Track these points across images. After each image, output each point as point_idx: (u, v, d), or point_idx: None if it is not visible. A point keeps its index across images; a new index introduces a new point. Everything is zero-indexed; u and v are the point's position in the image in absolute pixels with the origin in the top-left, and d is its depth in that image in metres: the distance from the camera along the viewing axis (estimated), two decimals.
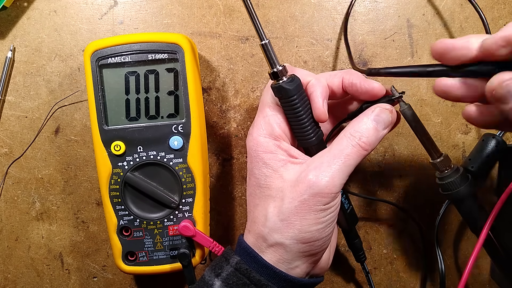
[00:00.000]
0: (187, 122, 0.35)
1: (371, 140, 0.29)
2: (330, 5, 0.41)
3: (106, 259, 0.43)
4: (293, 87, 0.29)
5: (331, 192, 0.28)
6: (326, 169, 0.28)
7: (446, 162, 0.33)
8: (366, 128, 0.30)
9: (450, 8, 0.41)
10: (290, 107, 0.30)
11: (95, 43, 0.35)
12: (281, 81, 0.29)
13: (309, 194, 0.28)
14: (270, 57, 0.29)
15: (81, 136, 0.42)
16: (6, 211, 0.42)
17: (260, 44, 0.29)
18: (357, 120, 0.30)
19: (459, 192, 0.33)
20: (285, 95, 0.29)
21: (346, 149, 0.29)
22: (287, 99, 0.29)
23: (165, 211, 0.36)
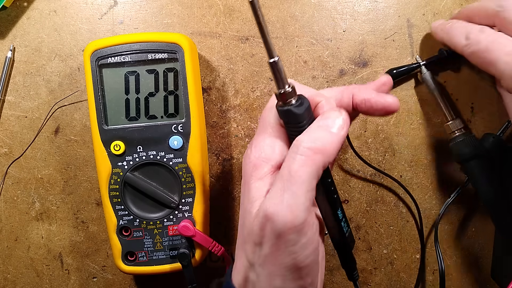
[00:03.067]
0: (187, 122, 0.35)
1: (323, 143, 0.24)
2: (330, 5, 0.41)
3: (106, 259, 0.43)
4: (303, 111, 0.26)
5: (293, 226, 0.23)
6: (279, 199, 0.23)
7: (458, 125, 0.38)
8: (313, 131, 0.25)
9: (450, 8, 0.41)
10: (298, 132, 0.26)
11: (95, 43, 0.35)
12: (290, 104, 0.26)
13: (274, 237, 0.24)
14: (279, 76, 0.26)
15: (81, 136, 0.42)
16: (6, 211, 0.42)
17: (268, 62, 0.25)
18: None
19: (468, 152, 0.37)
20: (293, 120, 0.26)
21: (293, 163, 0.24)
22: (296, 124, 0.26)
23: (165, 211, 0.36)
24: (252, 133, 0.42)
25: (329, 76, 0.41)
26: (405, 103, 0.41)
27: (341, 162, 0.42)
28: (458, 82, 0.41)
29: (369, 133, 0.42)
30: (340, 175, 0.42)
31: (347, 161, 0.42)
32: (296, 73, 0.41)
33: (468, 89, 0.41)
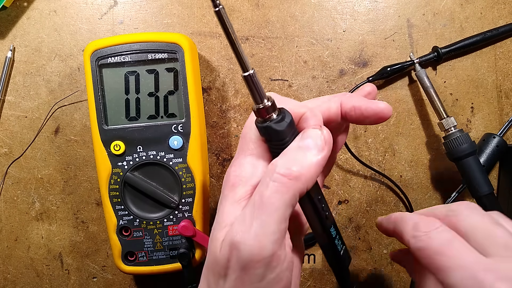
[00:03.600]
0: (187, 122, 0.35)
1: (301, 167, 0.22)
2: (330, 5, 0.41)
3: (106, 259, 0.43)
4: (285, 127, 0.23)
5: (261, 257, 0.21)
6: (247, 227, 0.21)
7: (451, 123, 0.38)
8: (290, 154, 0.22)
9: (450, 8, 0.41)
10: (280, 149, 0.23)
11: (95, 43, 0.35)
12: (270, 120, 0.23)
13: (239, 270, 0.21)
14: (256, 90, 0.23)
15: (81, 136, 0.42)
16: (6, 211, 0.42)
17: (243, 76, 0.22)
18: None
19: (462, 149, 0.37)
20: (275, 137, 0.23)
21: (266, 189, 0.21)
22: (277, 142, 0.23)
23: (165, 211, 0.36)
24: None
25: (329, 76, 0.41)
26: (404, 103, 0.41)
27: (341, 162, 0.42)
28: (458, 82, 0.41)
29: (369, 133, 0.42)
30: (340, 175, 0.42)
31: (347, 161, 0.42)
32: (296, 73, 0.41)
33: (468, 89, 0.41)
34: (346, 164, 0.42)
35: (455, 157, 0.38)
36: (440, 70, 0.41)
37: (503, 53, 0.41)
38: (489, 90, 0.41)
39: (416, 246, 0.24)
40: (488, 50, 0.41)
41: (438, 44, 0.41)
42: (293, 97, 0.41)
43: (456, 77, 0.41)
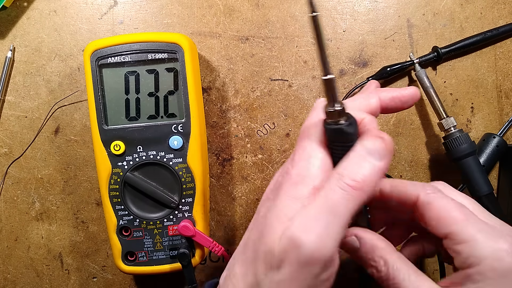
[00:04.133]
0: (187, 122, 0.35)
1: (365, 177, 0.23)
2: (330, 5, 0.41)
3: (106, 259, 0.43)
4: (354, 130, 0.25)
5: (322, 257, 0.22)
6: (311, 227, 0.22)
7: (451, 123, 0.38)
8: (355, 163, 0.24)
9: (450, 8, 0.41)
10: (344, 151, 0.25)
11: (95, 43, 0.35)
12: (340, 123, 0.25)
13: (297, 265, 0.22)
14: (333, 94, 0.25)
15: (81, 136, 0.42)
16: (6, 211, 0.42)
17: (323, 79, 0.24)
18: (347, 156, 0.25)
19: (461, 149, 0.37)
20: (343, 139, 0.25)
21: (333, 194, 0.23)
22: (343, 143, 0.25)
23: (165, 211, 0.36)
24: (252, 133, 0.42)
25: None
26: None
27: None
28: (458, 82, 0.41)
29: None
30: None
31: None
32: (296, 73, 0.41)
33: (468, 89, 0.41)
34: None
35: (455, 157, 0.38)
36: (440, 70, 0.41)
37: (503, 53, 0.41)
38: (489, 90, 0.41)
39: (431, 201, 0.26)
40: (488, 50, 0.41)
41: (438, 44, 0.41)
42: (293, 97, 0.41)
43: (456, 77, 0.41)
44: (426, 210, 0.26)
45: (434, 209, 0.26)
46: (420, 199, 0.27)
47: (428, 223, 0.27)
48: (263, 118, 0.42)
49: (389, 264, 0.26)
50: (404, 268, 0.26)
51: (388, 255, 0.26)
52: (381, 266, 0.26)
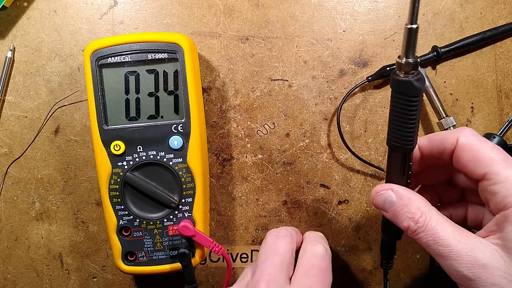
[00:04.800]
0: (187, 122, 0.35)
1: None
2: (330, 5, 0.41)
3: (106, 259, 0.43)
4: (421, 86, 0.25)
5: None
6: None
7: (450, 122, 0.38)
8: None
9: (450, 8, 0.41)
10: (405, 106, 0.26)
11: (95, 43, 0.35)
12: (411, 76, 0.25)
13: None
14: (412, 45, 0.25)
15: (81, 136, 0.42)
16: (6, 211, 0.42)
17: (407, 27, 0.25)
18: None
19: None
20: (409, 92, 0.25)
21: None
22: (408, 98, 0.25)
23: (165, 211, 0.36)
24: (252, 133, 0.42)
25: (329, 76, 0.41)
26: None
27: (341, 162, 0.42)
28: (458, 82, 0.41)
29: (369, 133, 0.42)
30: (340, 175, 0.42)
31: (347, 161, 0.42)
32: (296, 73, 0.41)
33: (468, 89, 0.41)
34: (346, 164, 0.42)
35: None
36: (440, 70, 0.41)
37: (503, 53, 0.41)
38: (489, 90, 0.41)
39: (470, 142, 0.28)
40: (488, 50, 0.41)
41: (438, 44, 0.41)
42: (293, 97, 0.41)
43: (456, 77, 0.41)
44: (465, 152, 0.27)
45: (473, 150, 0.27)
46: (460, 141, 0.28)
47: (466, 165, 0.28)
48: (263, 118, 0.42)
49: (426, 215, 0.26)
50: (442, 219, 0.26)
51: (425, 207, 0.27)
52: (418, 217, 0.26)
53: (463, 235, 0.25)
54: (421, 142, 0.31)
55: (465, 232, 0.26)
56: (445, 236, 0.25)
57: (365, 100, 0.41)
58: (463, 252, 0.24)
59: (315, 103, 0.41)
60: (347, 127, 0.41)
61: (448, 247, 0.25)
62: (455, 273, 0.25)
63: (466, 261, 0.24)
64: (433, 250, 0.26)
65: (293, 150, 0.42)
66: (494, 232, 0.26)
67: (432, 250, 0.26)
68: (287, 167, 0.42)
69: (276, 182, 0.42)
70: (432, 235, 0.26)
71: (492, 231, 0.26)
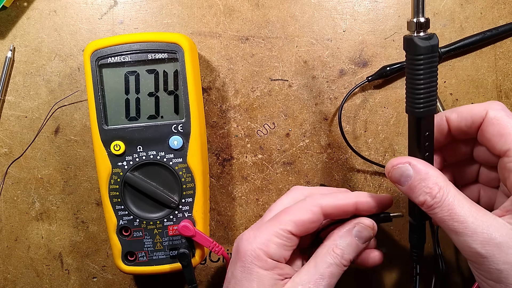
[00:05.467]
0: (187, 122, 0.35)
1: (352, 256, 0.30)
2: (330, 5, 0.41)
3: (106, 259, 0.43)
4: (426, 45, 0.26)
5: None
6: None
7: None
8: (347, 244, 0.30)
9: (450, 8, 0.41)
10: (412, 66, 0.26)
11: (95, 43, 0.35)
12: (416, 34, 0.26)
13: None
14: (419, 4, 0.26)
15: (81, 136, 0.42)
16: (6, 211, 0.42)
17: None
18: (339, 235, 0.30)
19: None
20: (412, 51, 0.26)
21: (330, 267, 0.29)
22: (413, 57, 0.26)
23: (165, 211, 0.36)
24: (252, 133, 0.42)
25: (329, 76, 0.41)
26: (404, 103, 0.41)
27: (341, 162, 0.42)
28: (458, 82, 0.41)
29: (369, 133, 0.42)
30: (340, 175, 0.42)
31: (347, 160, 0.42)
32: (296, 73, 0.41)
33: (468, 89, 0.41)
34: (346, 164, 0.42)
35: None
36: (440, 70, 0.41)
37: (503, 53, 0.41)
38: (489, 90, 0.41)
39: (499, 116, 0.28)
40: (488, 50, 0.41)
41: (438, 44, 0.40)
42: (293, 97, 0.41)
43: (456, 77, 0.41)
44: (492, 126, 0.28)
45: (500, 124, 0.27)
46: (489, 114, 0.28)
47: (490, 139, 0.28)
48: (263, 118, 0.42)
49: (444, 190, 0.26)
50: (459, 196, 0.26)
51: (442, 182, 0.27)
52: (436, 192, 0.26)
53: (479, 212, 0.25)
54: (449, 115, 0.31)
55: (481, 210, 0.25)
56: (462, 212, 0.25)
57: (365, 100, 0.41)
58: (478, 229, 0.24)
59: (315, 103, 0.41)
60: (347, 127, 0.41)
61: (464, 223, 0.25)
62: (468, 250, 0.25)
63: (481, 238, 0.24)
64: (448, 226, 0.25)
65: (293, 150, 0.42)
66: (510, 212, 0.26)
67: (446, 226, 0.26)
68: (287, 167, 0.42)
69: (276, 182, 0.42)
70: (448, 211, 0.25)
71: (509, 210, 0.26)
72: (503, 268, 0.24)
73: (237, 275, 0.30)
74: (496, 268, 0.24)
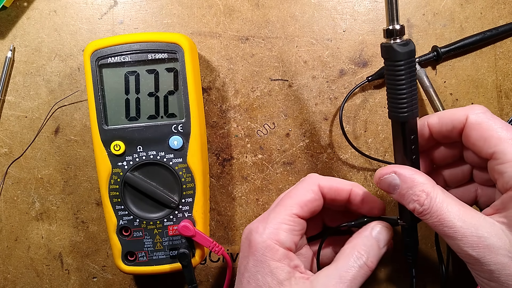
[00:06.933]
0: (187, 122, 0.35)
1: (375, 259, 0.29)
2: (330, 5, 0.41)
3: (106, 259, 0.43)
4: (404, 51, 0.26)
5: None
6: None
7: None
8: (370, 246, 0.29)
9: (450, 8, 0.41)
10: (392, 72, 0.27)
11: (95, 43, 0.35)
12: (393, 41, 0.27)
13: None
14: (393, 11, 0.27)
15: (81, 136, 0.42)
16: (6, 211, 0.42)
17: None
18: (361, 237, 0.30)
19: None
20: (392, 57, 0.27)
21: (353, 269, 0.28)
22: (394, 63, 0.27)
23: (165, 211, 0.36)
24: (252, 133, 0.42)
25: (329, 76, 0.41)
26: None
27: (341, 161, 0.42)
28: (458, 82, 0.41)
29: (369, 133, 0.42)
30: (340, 175, 0.42)
31: (347, 160, 0.42)
32: (296, 73, 0.41)
33: (468, 89, 0.41)
34: (346, 164, 0.42)
35: None
36: (440, 70, 0.41)
37: (503, 53, 0.41)
38: (489, 90, 0.41)
39: (480, 120, 0.28)
40: (488, 50, 0.41)
41: (438, 44, 0.41)
42: (293, 97, 0.41)
43: (456, 77, 0.41)
44: (474, 130, 0.27)
45: (482, 128, 0.27)
46: (469, 119, 0.28)
47: (475, 144, 0.27)
48: (263, 118, 0.42)
49: (431, 196, 0.26)
50: (447, 199, 0.26)
51: (430, 188, 0.27)
52: (423, 199, 0.26)
53: (468, 214, 0.25)
54: (431, 120, 0.31)
55: (470, 211, 0.26)
56: (450, 217, 0.25)
57: (365, 100, 0.41)
58: (467, 233, 0.25)
59: (315, 103, 0.41)
60: (347, 127, 0.41)
61: (453, 228, 0.25)
62: (461, 252, 0.25)
63: (471, 241, 0.24)
64: (439, 231, 0.26)
65: (293, 150, 0.42)
66: (500, 211, 0.26)
67: (438, 231, 0.26)
68: (287, 167, 0.42)
69: (276, 182, 0.42)
70: (437, 217, 0.26)
71: (498, 209, 0.26)
72: (495, 268, 0.24)
73: (250, 269, 0.29)
74: (488, 269, 0.24)
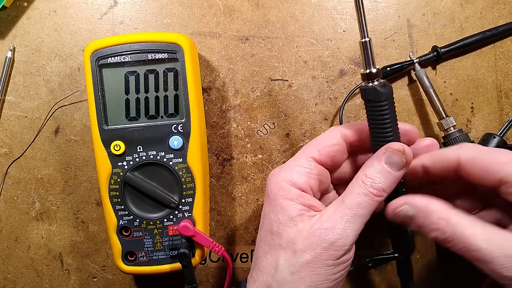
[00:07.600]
0: (187, 122, 0.35)
1: (385, 185, 0.27)
2: (330, 5, 0.41)
3: (106, 259, 0.43)
4: (386, 91, 0.28)
5: (343, 245, 0.27)
6: (338, 221, 0.27)
7: (450, 122, 0.38)
8: (378, 172, 0.28)
9: (450, 8, 0.41)
10: (377, 111, 0.29)
11: (95, 43, 0.35)
12: (375, 83, 0.29)
13: (321, 248, 0.26)
14: (369, 57, 0.29)
15: (81, 136, 0.42)
16: (6, 211, 0.42)
17: (360, 42, 0.28)
18: (368, 164, 0.28)
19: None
20: (376, 98, 0.28)
21: (357, 197, 0.27)
22: (377, 103, 0.28)
23: (165, 211, 0.36)
24: (252, 133, 0.42)
25: (329, 76, 0.41)
26: (404, 103, 0.41)
27: None
28: (458, 82, 0.41)
29: None
30: None
31: None
32: (296, 73, 0.41)
33: (468, 89, 0.41)
34: None
35: None
36: (440, 70, 0.41)
37: (503, 53, 0.41)
38: (489, 90, 0.41)
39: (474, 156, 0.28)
40: (488, 50, 0.41)
41: (438, 44, 0.41)
42: (293, 97, 0.41)
43: (456, 77, 0.41)
44: (472, 166, 0.27)
45: (480, 161, 0.27)
46: (462, 158, 0.28)
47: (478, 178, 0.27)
48: (263, 118, 0.42)
49: (451, 222, 0.25)
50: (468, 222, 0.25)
51: (448, 213, 0.26)
52: (444, 227, 0.25)
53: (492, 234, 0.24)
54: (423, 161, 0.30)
55: (494, 230, 0.25)
56: (474, 240, 0.24)
57: None
58: (495, 253, 0.24)
59: (315, 103, 0.41)
60: None
61: (480, 251, 0.24)
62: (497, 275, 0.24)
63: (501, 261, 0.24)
64: (469, 257, 0.25)
65: (293, 150, 0.42)
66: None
67: (468, 257, 0.25)
68: None
69: None
70: (461, 243, 0.25)
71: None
72: None
73: (265, 210, 0.30)
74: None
